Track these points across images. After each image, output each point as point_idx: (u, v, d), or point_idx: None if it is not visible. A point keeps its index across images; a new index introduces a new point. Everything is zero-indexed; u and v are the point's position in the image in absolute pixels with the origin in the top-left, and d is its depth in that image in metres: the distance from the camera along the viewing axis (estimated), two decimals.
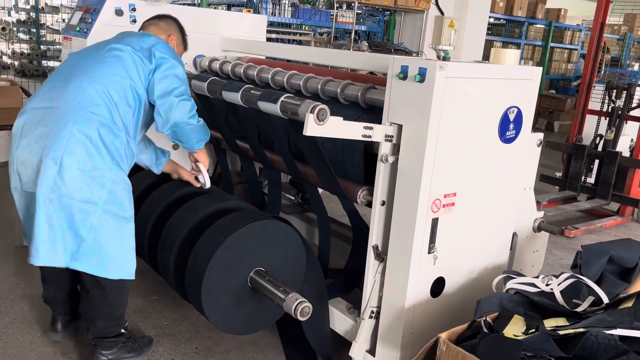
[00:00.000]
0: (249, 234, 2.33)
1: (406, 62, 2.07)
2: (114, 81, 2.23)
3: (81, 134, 2.12)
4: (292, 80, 2.81)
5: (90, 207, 2.14)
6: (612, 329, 1.76)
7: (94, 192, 2.14)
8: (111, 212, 2.19)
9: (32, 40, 11.23)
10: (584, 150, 5.20)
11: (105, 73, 2.24)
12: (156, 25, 2.58)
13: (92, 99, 2.18)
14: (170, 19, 2.65)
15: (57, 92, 2.22)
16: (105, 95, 2.20)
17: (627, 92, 5.24)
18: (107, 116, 2.19)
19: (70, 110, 2.15)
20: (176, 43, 2.62)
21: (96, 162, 2.15)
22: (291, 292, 2.23)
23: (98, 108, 2.18)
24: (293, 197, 3.76)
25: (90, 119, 2.15)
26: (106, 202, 2.17)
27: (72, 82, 2.22)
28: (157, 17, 2.64)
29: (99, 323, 2.39)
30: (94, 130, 2.15)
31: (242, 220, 2.37)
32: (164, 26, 2.59)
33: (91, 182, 2.13)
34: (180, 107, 2.30)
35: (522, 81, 2.35)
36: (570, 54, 13.00)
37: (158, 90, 2.29)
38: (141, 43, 2.35)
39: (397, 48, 7.43)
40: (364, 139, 2.14)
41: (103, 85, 2.21)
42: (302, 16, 8.04)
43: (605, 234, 4.88)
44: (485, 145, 2.29)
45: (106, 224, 2.19)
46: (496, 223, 2.49)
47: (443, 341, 1.86)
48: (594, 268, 2.25)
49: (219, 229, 2.34)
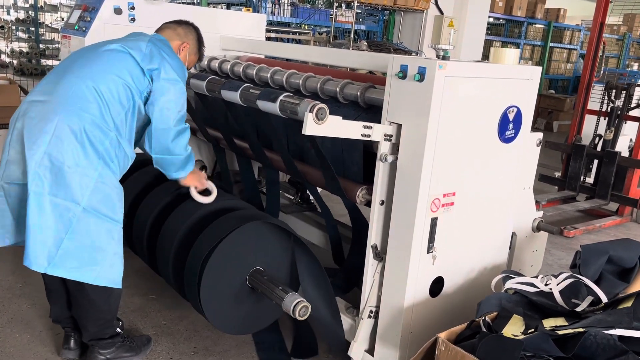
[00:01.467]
0: (247, 233, 2.32)
1: (406, 61, 2.07)
2: (106, 79, 2.18)
3: (67, 130, 2.07)
4: (291, 79, 2.80)
5: (71, 205, 2.08)
6: (611, 329, 1.76)
7: (75, 190, 2.08)
8: (93, 213, 2.12)
9: (31, 39, 11.23)
10: (583, 150, 5.20)
11: (98, 70, 2.20)
12: (174, 30, 2.52)
13: (83, 95, 2.13)
14: (190, 26, 2.58)
15: (50, 87, 2.19)
16: (97, 92, 2.15)
17: (627, 92, 5.24)
18: (96, 114, 2.14)
19: (60, 105, 2.11)
20: (189, 52, 2.55)
21: (80, 160, 2.08)
22: (290, 291, 2.23)
23: (88, 105, 2.13)
24: (292, 197, 3.75)
25: (78, 115, 2.10)
26: (89, 202, 2.10)
27: (65, 78, 2.19)
28: (178, 22, 2.56)
29: (90, 327, 2.37)
30: (81, 127, 2.09)
31: (241, 219, 2.36)
32: (181, 32, 2.53)
33: (73, 180, 2.07)
34: (177, 142, 2.31)
35: (522, 81, 2.34)
36: (569, 54, 13.01)
37: (157, 113, 2.25)
38: (139, 43, 2.31)
39: (397, 47, 7.42)
40: (363, 138, 2.13)
41: (95, 82, 2.16)
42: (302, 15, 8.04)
43: (604, 234, 4.88)
44: (485, 145, 2.29)
45: (87, 225, 2.11)
46: (495, 223, 2.49)
47: (442, 341, 1.86)
48: (593, 268, 2.25)
49: (218, 228, 2.34)
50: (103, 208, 2.15)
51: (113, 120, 2.19)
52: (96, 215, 2.13)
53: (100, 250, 2.16)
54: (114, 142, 2.19)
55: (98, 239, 2.15)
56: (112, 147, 2.19)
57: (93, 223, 2.13)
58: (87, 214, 2.11)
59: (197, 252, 2.31)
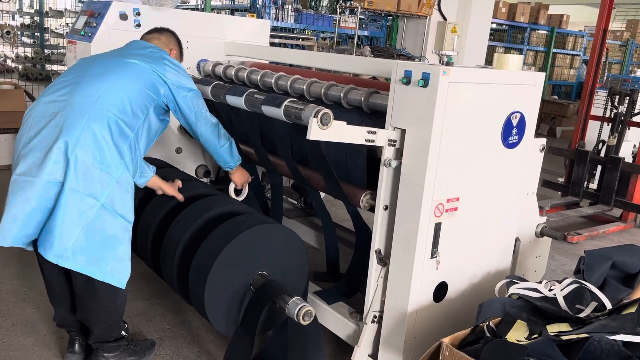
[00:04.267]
0: (251, 237, 2.33)
1: (410, 67, 2.08)
2: (130, 88, 2.30)
3: (95, 129, 2.15)
4: (296, 84, 2.82)
5: (91, 201, 2.14)
6: (615, 335, 1.76)
7: (96, 187, 2.14)
8: (110, 211, 2.18)
9: (36, 44, 11.28)
10: (586, 156, 5.20)
11: (124, 79, 2.31)
12: (158, 39, 2.64)
13: (110, 99, 2.23)
14: (169, 32, 2.72)
15: (71, 89, 2.26)
16: (121, 99, 2.26)
17: (630, 97, 5.23)
18: (121, 118, 2.24)
19: (87, 105, 2.19)
20: (175, 56, 2.69)
21: (105, 159, 2.17)
22: (294, 296, 2.23)
23: (114, 109, 2.23)
24: (295, 201, 3.76)
25: (105, 117, 2.19)
26: (107, 199, 2.17)
27: (87, 82, 2.27)
28: (157, 30, 2.69)
29: (96, 329, 2.38)
30: (107, 129, 2.19)
31: (245, 224, 2.37)
32: (165, 40, 2.66)
33: (97, 177, 2.14)
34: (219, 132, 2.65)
35: (525, 86, 2.35)
36: (572, 60, 13.02)
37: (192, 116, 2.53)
38: (154, 56, 2.46)
39: (400, 53, 7.44)
40: (367, 143, 2.14)
41: (121, 89, 2.27)
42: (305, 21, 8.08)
43: (608, 240, 4.87)
44: (488, 150, 2.30)
45: (103, 222, 2.16)
46: (499, 228, 2.49)
47: (446, 346, 1.86)
48: (597, 273, 2.25)
49: (222, 233, 2.35)
50: (119, 207, 2.21)
51: (132, 127, 2.29)
52: (112, 213, 2.19)
53: (111, 247, 2.21)
54: (132, 147, 2.28)
55: (110, 236, 2.20)
56: (129, 151, 2.27)
57: (108, 220, 2.18)
58: (104, 211, 2.17)
59: (202, 257, 2.32)
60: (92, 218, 2.14)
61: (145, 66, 2.38)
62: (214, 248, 2.28)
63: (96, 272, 2.19)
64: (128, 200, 2.26)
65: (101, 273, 2.20)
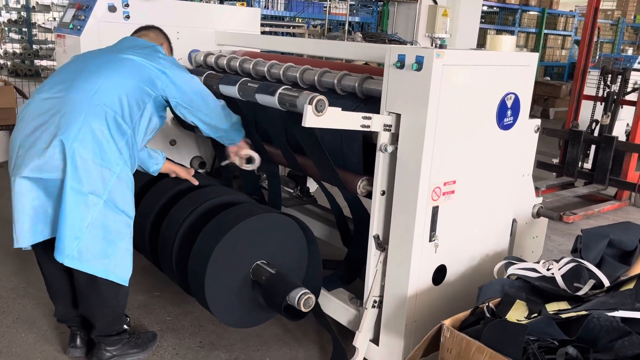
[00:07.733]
0: (250, 227, 2.33)
1: (403, 50, 2.07)
2: (126, 84, 2.27)
3: (93, 125, 2.14)
4: (289, 72, 2.80)
5: (94, 199, 2.13)
6: (614, 311, 1.78)
7: (98, 184, 2.14)
8: (112, 208, 2.18)
9: (23, 40, 11.16)
10: (580, 136, 5.21)
11: (120, 74, 2.28)
12: (147, 36, 2.62)
13: (106, 95, 2.21)
14: (156, 29, 2.70)
15: (67, 85, 2.24)
16: (118, 95, 2.23)
17: (622, 76, 5.24)
18: (118, 113, 2.22)
19: (83, 101, 2.17)
20: (166, 50, 2.67)
21: (105, 154, 2.16)
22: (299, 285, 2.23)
23: (111, 105, 2.21)
24: (292, 190, 3.75)
25: (102, 112, 2.18)
26: (109, 196, 2.17)
27: (83, 78, 2.25)
28: (146, 28, 2.68)
29: (99, 324, 2.38)
30: (104, 124, 2.17)
31: (244, 213, 2.37)
32: (154, 37, 2.64)
33: (97, 173, 2.13)
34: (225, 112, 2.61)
35: (519, 67, 2.35)
36: (564, 40, 13.02)
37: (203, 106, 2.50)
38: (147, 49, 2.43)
39: (391, 38, 7.40)
40: (362, 129, 2.14)
41: (117, 85, 2.25)
42: (295, 8, 8.02)
43: (604, 219, 4.90)
44: (484, 132, 2.30)
45: (105, 219, 2.17)
46: (496, 210, 2.50)
47: (447, 328, 1.87)
48: (594, 252, 2.27)
49: (221, 223, 2.34)
50: (121, 203, 2.21)
51: (131, 122, 2.27)
52: (114, 210, 2.19)
53: (113, 244, 2.21)
54: (129, 143, 2.27)
55: (112, 233, 2.20)
56: (128, 147, 2.26)
57: (111, 217, 2.19)
58: (107, 208, 2.17)
59: (200, 247, 2.32)
60: (95, 216, 2.14)
61: (141, 61, 2.34)
62: (214, 238, 2.28)
63: (100, 269, 2.19)
64: (129, 196, 2.26)
65: (103, 271, 2.20)
